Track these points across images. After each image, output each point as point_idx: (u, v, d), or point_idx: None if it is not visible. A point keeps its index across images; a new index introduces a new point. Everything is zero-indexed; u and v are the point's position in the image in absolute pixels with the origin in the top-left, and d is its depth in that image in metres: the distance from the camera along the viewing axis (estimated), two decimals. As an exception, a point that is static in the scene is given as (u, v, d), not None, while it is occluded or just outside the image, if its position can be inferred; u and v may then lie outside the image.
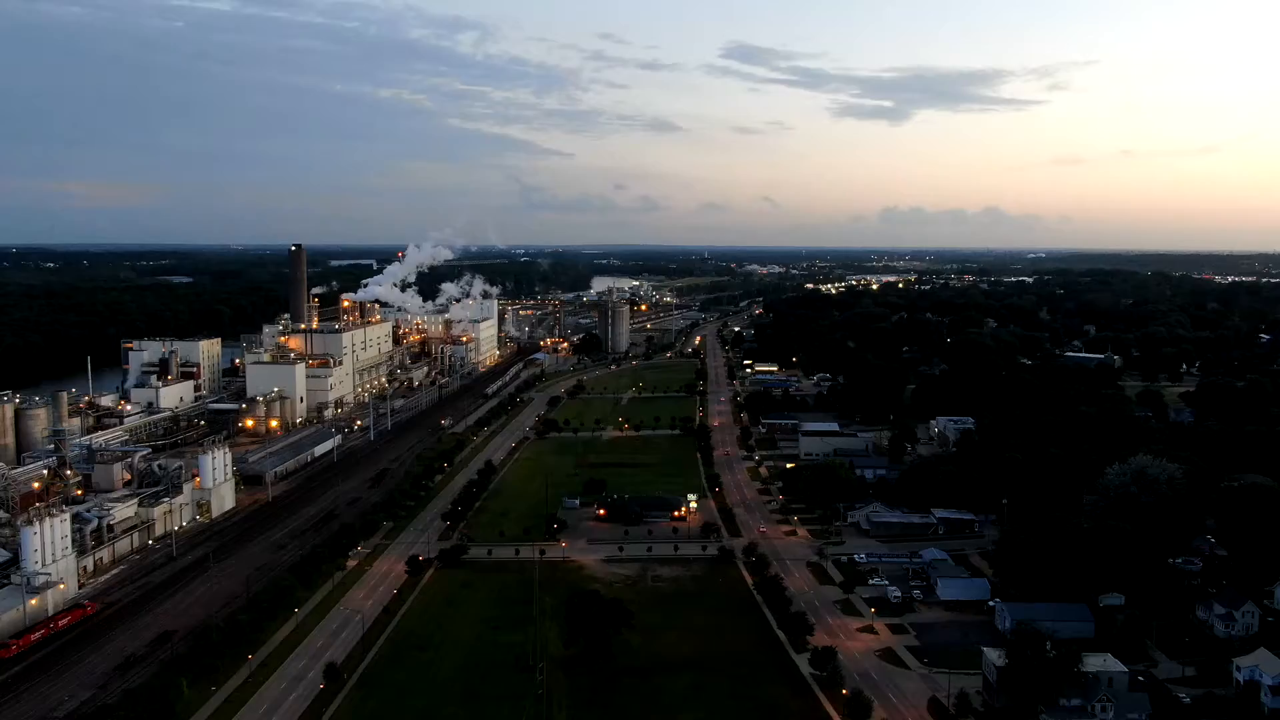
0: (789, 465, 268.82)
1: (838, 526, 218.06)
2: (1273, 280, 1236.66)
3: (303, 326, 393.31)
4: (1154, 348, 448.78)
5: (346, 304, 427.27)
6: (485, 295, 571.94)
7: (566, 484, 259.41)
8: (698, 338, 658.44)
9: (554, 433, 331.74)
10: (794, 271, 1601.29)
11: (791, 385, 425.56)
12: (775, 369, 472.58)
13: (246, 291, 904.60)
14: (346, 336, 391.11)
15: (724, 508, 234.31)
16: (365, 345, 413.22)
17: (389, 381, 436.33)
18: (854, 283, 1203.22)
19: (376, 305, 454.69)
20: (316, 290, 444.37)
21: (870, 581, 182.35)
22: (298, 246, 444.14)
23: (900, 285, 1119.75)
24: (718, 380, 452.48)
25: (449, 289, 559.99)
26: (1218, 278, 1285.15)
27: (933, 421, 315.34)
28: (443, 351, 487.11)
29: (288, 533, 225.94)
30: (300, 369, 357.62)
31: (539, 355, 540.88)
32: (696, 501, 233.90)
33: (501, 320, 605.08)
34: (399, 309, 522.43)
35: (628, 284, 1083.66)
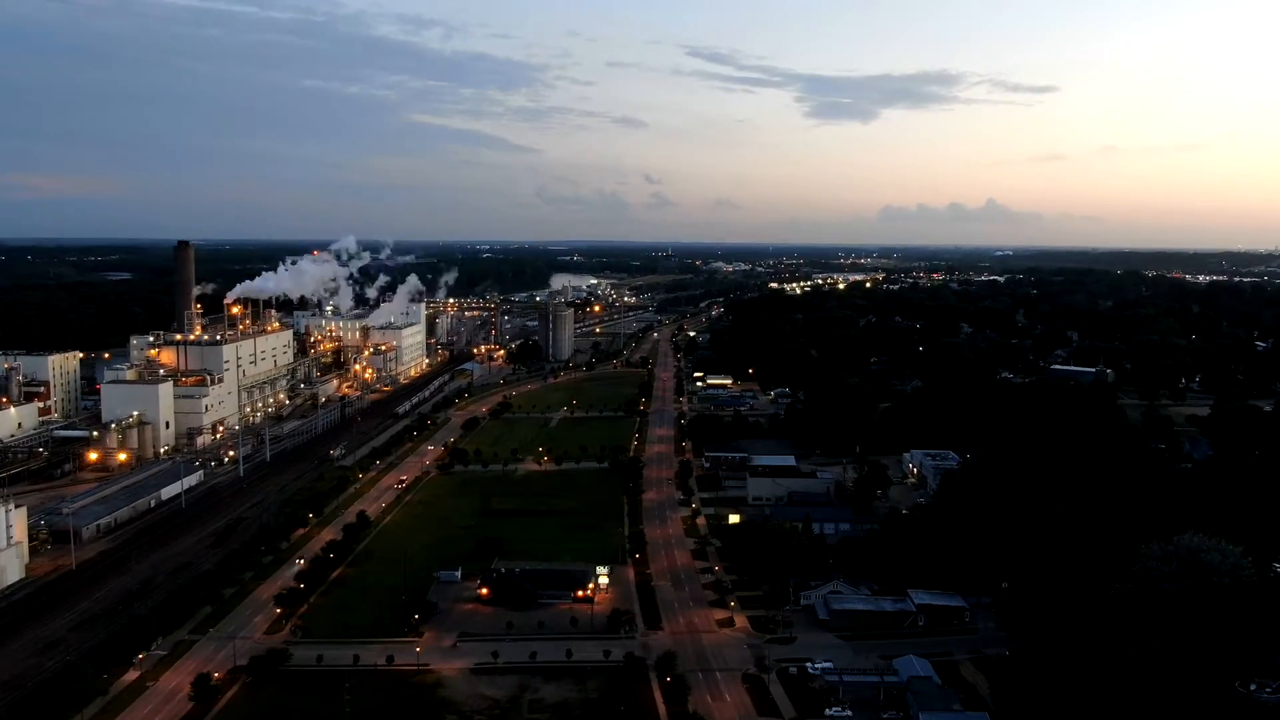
0: (733, 518, 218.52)
1: (787, 614, 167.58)
2: (1246, 279, 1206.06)
3: (177, 337, 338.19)
4: (1149, 359, 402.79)
5: (236, 310, 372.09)
6: (414, 296, 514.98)
7: (455, 543, 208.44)
8: (650, 343, 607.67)
9: (460, 466, 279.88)
10: (759, 269, 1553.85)
11: (746, 403, 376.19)
12: (729, 382, 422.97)
13: (172, 290, 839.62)
14: (229, 348, 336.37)
15: (645, 582, 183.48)
16: (256, 357, 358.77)
17: (289, 398, 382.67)
18: (820, 282, 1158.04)
19: (273, 311, 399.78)
20: (198, 290, 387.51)
21: (828, 711, 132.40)
22: (184, 243, 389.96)
23: (868, 284, 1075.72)
24: (664, 396, 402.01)
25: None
26: (1188, 276, 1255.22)
27: (906, 455, 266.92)
28: (352, 361, 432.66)
29: (72, 621, 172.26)
30: (165, 389, 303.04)
31: (469, 365, 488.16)
32: (609, 575, 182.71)
33: (432, 325, 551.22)
34: (312, 313, 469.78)
35: (586, 282, 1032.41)
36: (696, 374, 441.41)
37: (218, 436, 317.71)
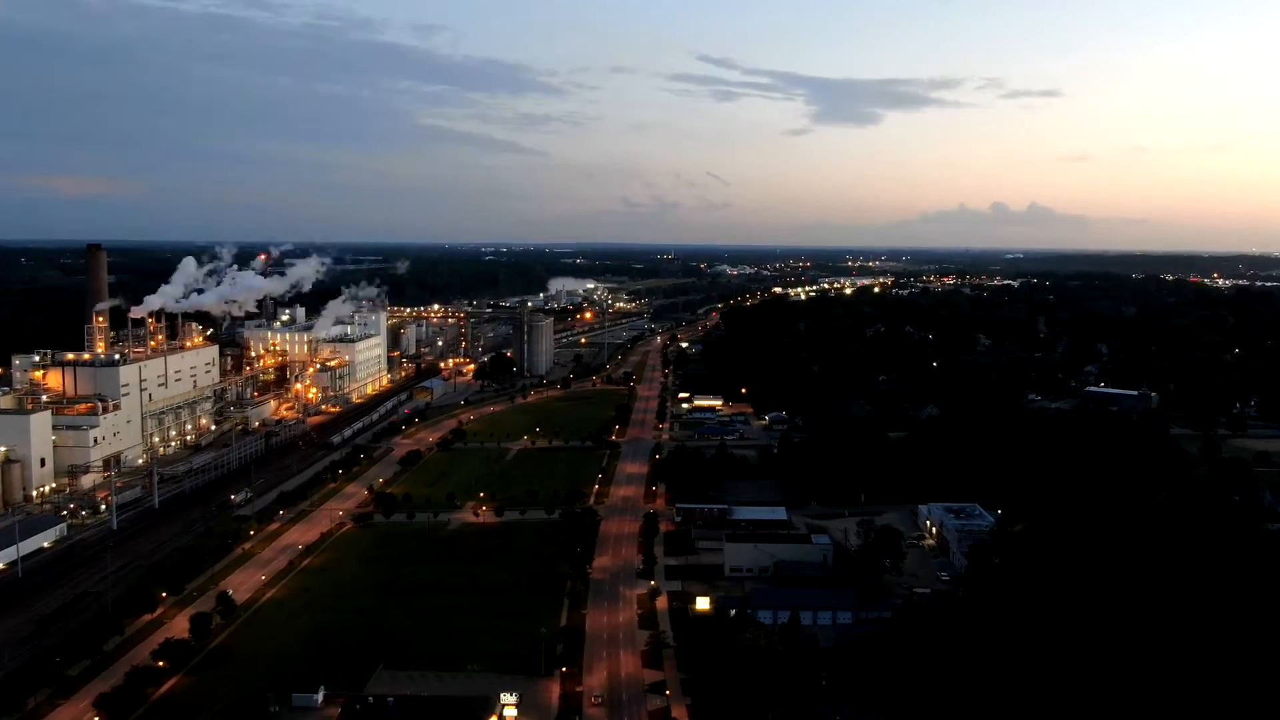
0: (700, 603, 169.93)
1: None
2: (1269, 284, 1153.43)
3: (69, 356, 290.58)
4: (1198, 379, 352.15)
5: (151, 323, 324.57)
6: (361, 302, 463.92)
7: (340, 636, 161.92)
8: (638, 354, 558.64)
9: (383, 516, 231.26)
10: (765, 273, 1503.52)
11: (735, 430, 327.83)
12: (718, 404, 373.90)
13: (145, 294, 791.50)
14: (129, 369, 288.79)
15: (569, 710, 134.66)
16: (168, 378, 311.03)
17: (217, 423, 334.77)
18: (825, 286, 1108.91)
19: (194, 325, 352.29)
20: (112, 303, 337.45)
21: None
22: (94, 246, 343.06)
23: (876, 289, 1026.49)
24: (643, 421, 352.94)
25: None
26: (1206, 280, 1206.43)
27: (924, 509, 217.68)
28: (294, 379, 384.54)
29: None
30: (39, 419, 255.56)
31: (432, 381, 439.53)
32: (518, 703, 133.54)
33: (396, 337, 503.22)
34: (258, 323, 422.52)
35: (584, 286, 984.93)
36: (682, 395, 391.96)
37: (112, 474, 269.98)
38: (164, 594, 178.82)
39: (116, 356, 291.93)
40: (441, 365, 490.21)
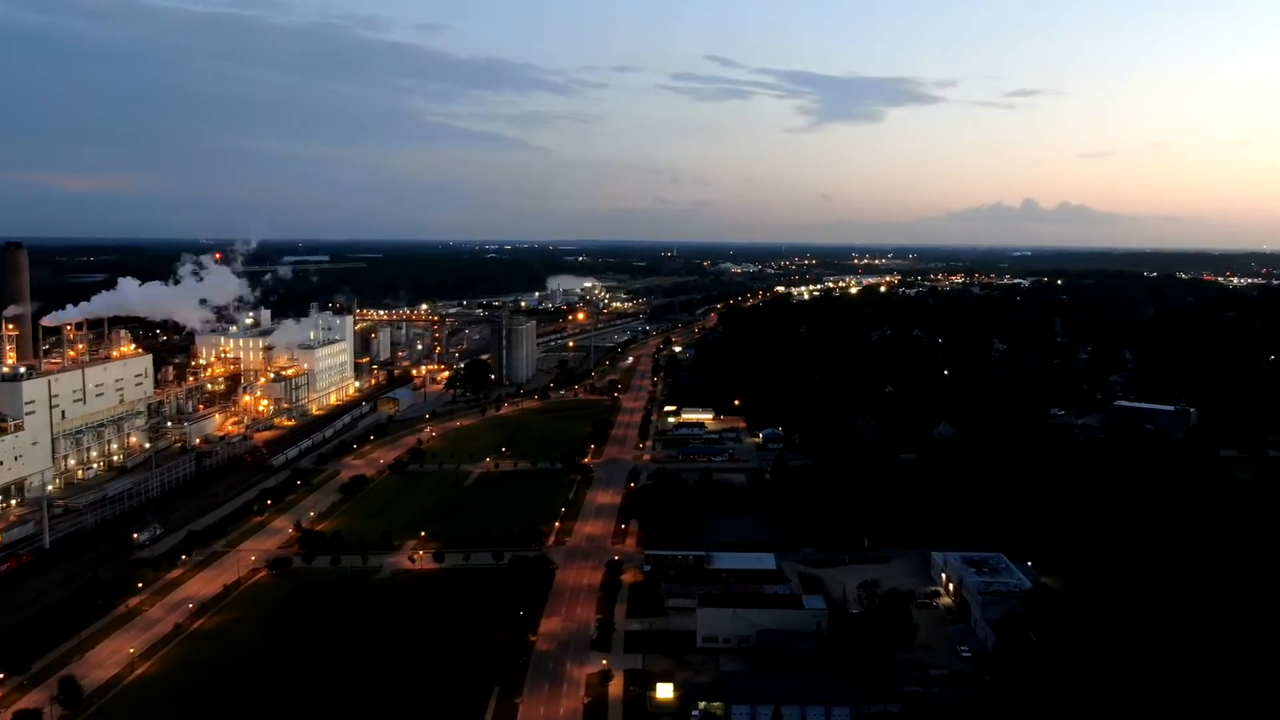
0: (661, 690, 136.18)
1: None
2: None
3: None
4: (1240, 391, 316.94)
5: (70, 331, 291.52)
6: (334, 307, 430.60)
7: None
8: (629, 359, 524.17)
9: (304, 560, 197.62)
10: (769, 271, 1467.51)
11: (725, 449, 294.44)
12: (708, 418, 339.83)
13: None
14: (35, 384, 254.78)
15: None
16: (87, 392, 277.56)
17: (151, 441, 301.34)
18: (830, 285, 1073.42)
19: (124, 333, 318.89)
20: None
21: None
22: (13, 244, 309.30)
23: (882, 289, 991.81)
24: (625, 437, 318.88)
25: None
26: (1220, 279, 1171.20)
27: (938, 557, 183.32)
28: (242, 390, 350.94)
29: None
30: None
31: (401, 391, 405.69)
32: None
33: (367, 341, 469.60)
34: (212, 328, 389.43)
35: (584, 284, 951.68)
36: (669, 407, 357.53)
37: (10, 504, 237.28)
38: (3, 674, 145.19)
39: (21, 370, 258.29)
40: (415, 372, 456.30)
